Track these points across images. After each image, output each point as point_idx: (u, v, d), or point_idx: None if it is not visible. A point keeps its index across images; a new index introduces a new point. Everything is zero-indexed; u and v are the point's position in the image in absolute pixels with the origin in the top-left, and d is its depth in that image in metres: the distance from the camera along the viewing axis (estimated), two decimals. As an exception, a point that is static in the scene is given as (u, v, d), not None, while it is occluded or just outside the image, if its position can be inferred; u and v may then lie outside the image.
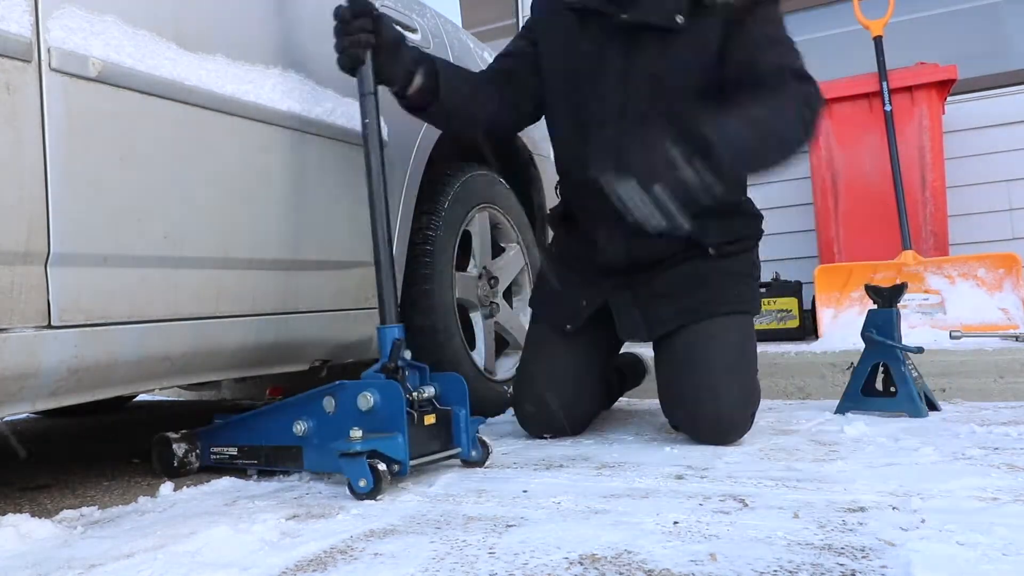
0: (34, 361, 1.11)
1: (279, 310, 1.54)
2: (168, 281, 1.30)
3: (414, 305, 1.97)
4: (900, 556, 0.88)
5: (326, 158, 1.63)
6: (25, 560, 1.04)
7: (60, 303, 1.13)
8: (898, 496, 1.16)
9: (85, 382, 1.21)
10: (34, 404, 1.17)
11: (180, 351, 1.34)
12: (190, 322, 1.34)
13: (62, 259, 1.13)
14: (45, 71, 1.11)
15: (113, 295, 1.21)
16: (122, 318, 1.22)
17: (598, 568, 0.89)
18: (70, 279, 1.15)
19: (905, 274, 2.89)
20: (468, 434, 1.49)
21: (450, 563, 0.93)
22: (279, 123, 1.50)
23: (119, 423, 2.72)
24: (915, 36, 3.80)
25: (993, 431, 1.68)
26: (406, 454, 1.32)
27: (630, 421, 2.05)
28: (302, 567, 0.95)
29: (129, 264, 1.23)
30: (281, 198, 1.52)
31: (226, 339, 1.43)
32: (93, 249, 1.17)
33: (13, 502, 1.48)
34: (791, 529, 1.01)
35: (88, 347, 1.18)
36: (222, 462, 1.59)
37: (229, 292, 1.42)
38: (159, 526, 1.18)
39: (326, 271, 1.65)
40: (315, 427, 1.44)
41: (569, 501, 1.21)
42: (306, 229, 1.58)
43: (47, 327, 1.12)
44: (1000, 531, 0.95)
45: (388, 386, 1.36)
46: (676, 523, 1.06)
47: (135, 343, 1.26)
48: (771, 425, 1.88)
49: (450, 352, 2.03)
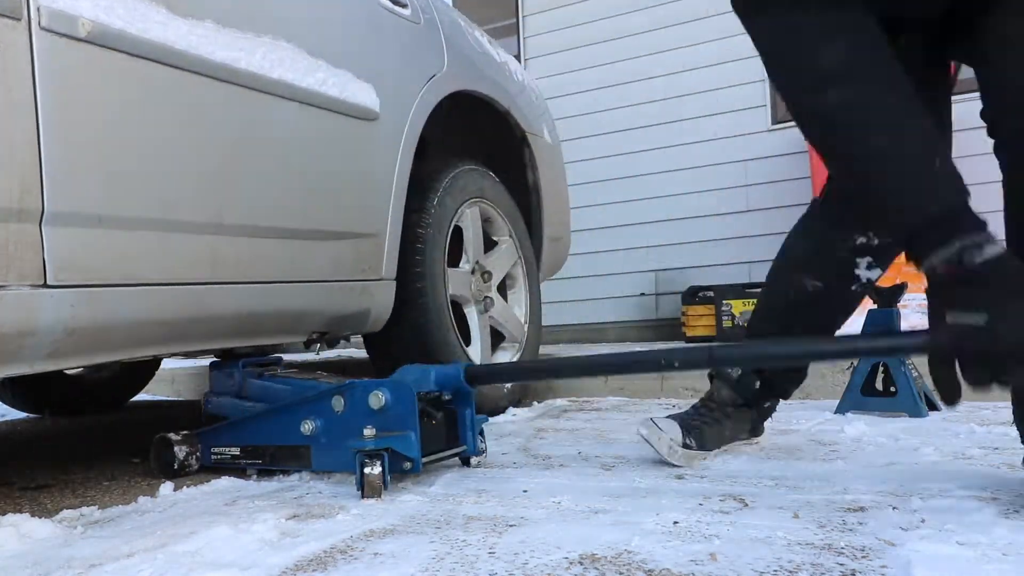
0: (31, 319, 1.12)
1: (276, 278, 1.54)
2: (163, 245, 1.31)
3: (407, 304, 1.97)
4: (900, 556, 0.88)
5: (318, 128, 1.64)
6: (25, 560, 1.04)
7: (56, 262, 1.14)
8: (898, 496, 1.15)
9: (83, 344, 1.22)
10: (32, 365, 1.17)
11: (177, 316, 1.35)
12: (187, 287, 1.35)
13: (56, 218, 1.14)
14: (35, 29, 1.12)
15: (108, 257, 1.22)
16: (118, 280, 1.24)
17: (598, 568, 0.89)
18: (65, 239, 1.16)
19: (905, 274, 2.88)
20: (473, 432, 1.50)
21: (450, 563, 0.93)
22: (270, 91, 1.51)
23: (119, 423, 2.72)
24: (915, 36, 3.79)
25: (993, 431, 1.68)
26: (419, 451, 1.33)
27: (630, 421, 2.05)
28: (302, 567, 0.95)
29: (124, 226, 1.25)
30: (274, 167, 1.53)
31: (223, 306, 1.44)
32: (87, 209, 1.19)
33: (13, 502, 1.48)
34: (791, 529, 1.01)
35: (85, 308, 1.19)
36: (223, 462, 1.59)
37: (224, 258, 1.43)
38: (159, 526, 1.18)
39: (321, 241, 1.66)
40: (323, 426, 1.44)
41: (569, 501, 1.21)
42: (300, 198, 1.60)
43: (43, 286, 1.13)
44: (1000, 531, 0.95)
45: (399, 385, 1.37)
46: (676, 523, 1.06)
47: (132, 306, 1.26)
48: (771, 425, 1.88)
49: (445, 350, 2.02)
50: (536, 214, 2.67)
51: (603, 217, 5.11)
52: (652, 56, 5.05)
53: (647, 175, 5.02)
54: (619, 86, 5.12)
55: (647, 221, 5.00)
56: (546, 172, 2.69)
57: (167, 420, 2.71)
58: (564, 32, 5.34)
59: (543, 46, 5.42)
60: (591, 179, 5.12)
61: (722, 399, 1.52)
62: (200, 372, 3.71)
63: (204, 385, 3.65)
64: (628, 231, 5.06)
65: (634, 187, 5.07)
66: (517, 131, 2.55)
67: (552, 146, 2.81)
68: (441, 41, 2.15)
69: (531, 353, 2.49)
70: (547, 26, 5.42)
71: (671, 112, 4.94)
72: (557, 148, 2.87)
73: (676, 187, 4.94)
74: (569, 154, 5.15)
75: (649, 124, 5.00)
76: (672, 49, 5.01)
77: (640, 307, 5.07)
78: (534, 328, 2.54)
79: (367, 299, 1.79)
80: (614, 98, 5.13)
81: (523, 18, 5.49)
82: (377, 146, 1.81)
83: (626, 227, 5.07)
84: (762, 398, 1.53)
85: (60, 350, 1.19)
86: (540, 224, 2.70)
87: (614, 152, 5.11)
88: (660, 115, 4.96)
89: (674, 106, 4.94)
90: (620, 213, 5.09)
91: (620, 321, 5.11)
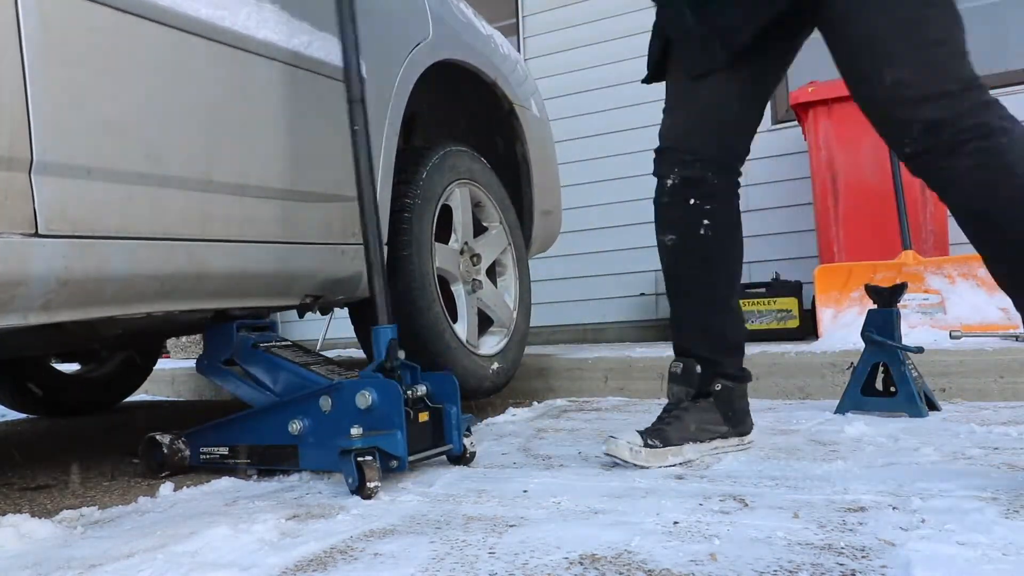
0: (23, 269, 1.13)
1: (266, 238, 1.56)
2: (153, 200, 1.33)
3: (393, 271, 1.98)
4: (900, 556, 0.88)
5: (304, 90, 1.66)
6: (25, 560, 1.04)
7: (46, 212, 1.15)
8: (898, 496, 1.15)
9: (76, 296, 1.23)
10: (26, 316, 1.18)
11: (169, 271, 1.36)
12: (178, 243, 1.37)
13: (45, 168, 1.15)
14: None
15: (99, 209, 1.24)
16: (109, 233, 1.25)
17: (598, 568, 0.89)
18: (55, 189, 1.17)
19: (905, 274, 2.89)
20: (459, 431, 1.52)
21: (450, 563, 0.93)
22: (255, 51, 1.53)
23: (119, 423, 2.72)
24: (915, 36, 3.80)
25: (993, 431, 1.68)
26: (405, 450, 1.35)
27: (630, 421, 2.05)
28: (302, 567, 0.95)
29: (113, 179, 1.26)
30: (260, 127, 1.55)
31: (215, 263, 1.45)
32: (76, 160, 1.20)
33: (13, 502, 1.48)
34: (791, 529, 1.01)
35: (77, 259, 1.20)
36: (212, 462, 1.60)
37: (215, 216, 1.44)
38: (159, 526, 1.18)
39: (311, 203, 1.68)
40: (311, 426, 1.46)
41: (569, 501, 1.21)
42: (288, 160, 1.61)
43: (34, 235, 1.14)
44: (1000, 531, 0.95)
45: (386, 385, 1.38)
46: (676, 523, 1.06)
47: (124, 259, 1.28)
48: (771, 425, 1.88)
49: (429, 318, 2.03)
50: (526, 188, 2.68)
51: (603, 217, 5.11)
52: (652, 56, 5.05)
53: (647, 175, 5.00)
54: (619, 86, 5.12)
55: (647, 221, 4.97)
56: (535, 145, 2.70)
57: (167, 420, 2.71)
58: (564, 32, 5.34)
59: (543, 46, 5.41)
60: (591, 179, 5.12)
61: (675, 396, 1.54)
62: (200, 372, 3.70)
63: (204, 385, 3.66)
64: (628, 231, 5.06)
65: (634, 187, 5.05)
66: (505, 103, 2.56)
67: (541, 119, 2.81)
68: (425, 9, 2.15)
69: (519, 340, 2.51)
70: (547, 26, 5.42)
71: (671, 112, 4.93)
72: (546, 121, 2.88)
73: (676, 187, 4.93)
74: (569, 154, 5.16)
75: (650, 124, 4.97)
76: (672, 49, 5.00)
77: (640, 307, 5.07)
78: (523, 315, 2.55)
79: (359, 263, 1.82)
80: (614, 98, 5.12)
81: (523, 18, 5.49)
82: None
83: (626, 227, 5.06)
84: (709, 381, 1.54)
85: (54, 301, 1.20)
86: (531, 198, 2.71)
87: (614, 152, 5.11)
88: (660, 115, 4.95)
89: (674, 106, 4.93)
90: (620, 213, 5.08)
91: (620, 321, 5.10)
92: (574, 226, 5.12)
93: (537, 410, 2.39)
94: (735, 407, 1.56)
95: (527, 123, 2.63)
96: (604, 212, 5.12)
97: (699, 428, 1.50)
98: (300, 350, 1.73)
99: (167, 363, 4.60)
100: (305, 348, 1.76)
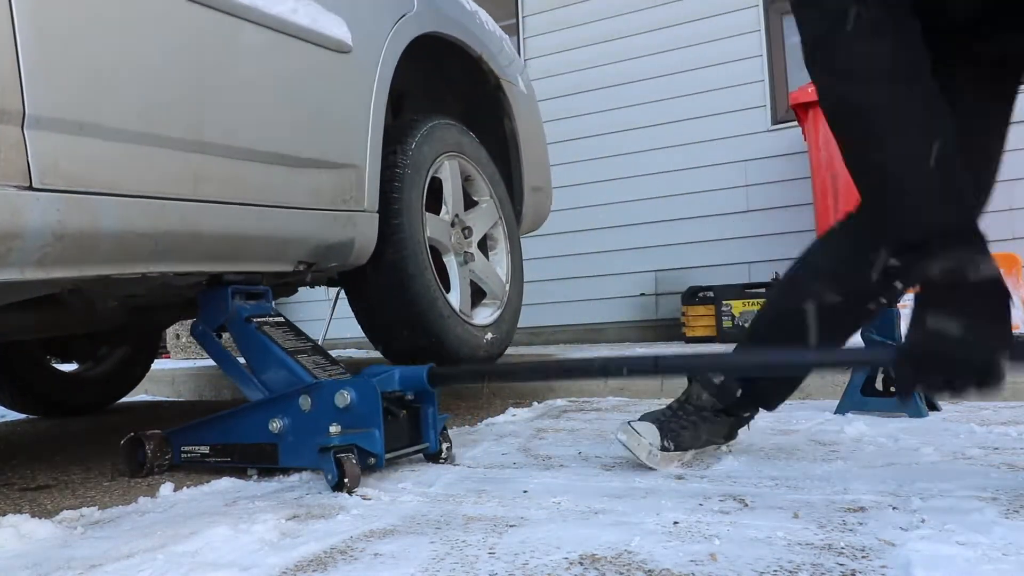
0: (18, 221, 1.14)
1: (258, 201, 1.58)
2: (145, 158, 1.34)
3: (385, 239, 2.00)
4: (900, 556, 0.88)
5: (292, 56, 1.68)
6: (25, 560, 1.04)
7: (40, 166, 1.17)
8: (898, 496, 1.15)
9: (71, 252, 1.24)
10: (22, 271, 1.19)
11: (162, 230, 1.37)
12: (170, 202, 1.38)
13: (38, 122, 1.17)
14: None
15: (92, 164, 1.25)
16: (102, 189, 1.26)
17: (598, 568, 0.89)
18: (48, 143, 1.18)
19: (905, 274, 2.88)
20: (435, 430, 1.55)
21: (450, 563, 0.93)
22: (242, 15, 1.54)
23: (119, 424, 2.72)
24: (915, 36, 3.80)
25: (993, 431, 1.68)
26: (383, 448, 1.38)
27: (630, 421, 2.05)
28: (302, 567, 0.95)
29: (105, 136, 1.27)
30: (250, 91, 1.57)
31: (207, 224, 1.46)
32: (68, 115, 1.22)
33: (13, 502, 1.48)
34: (791, 529, 1.01)
35: (71, 213, 1.21)
36: (193, 460, 1.62)
37: (207, 176, 1.46)
38: (159, 526, 1.18)
39: (302, 168, 1.70)
40: (291, 424, 1.48)
41: (569, 501, 1.21)
42: (278, 124, 1.63)
43: (29, 188, 1.15)
44: (1000, 531, 0.95)
45: (364, 384, 1.41)
46: (676, 523, 1.06)
47: (117, 215, 1.29)
48: (771, 425, 1.88)
49: (421, 284, 2.05)
50: (516, 164, 2.69)
51: (603, 217, 5.11)
52: (652, 56, 5.06)
53: (647, 175, 5.02)
54: (619, 86, 5.12)
55: (647, 221, 4.99)
56: (523, 121, 2.71)
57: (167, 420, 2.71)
58: (564, 32, 5.34)
59: (543, 46, 5.42)
60: (592, 179, 5.12)
61: (701, 403, 1.50)
62: (200, 372, 3.71)
63: (204, 385, 3.66)
64: (628, 231, 5.06)
65: (634, 187, 5.06)
66: (491, 78, 2.57)
67: (528, 96, 2.83)
68: None
69: (512, 312, 2.53)
70: (547, 26, 5.42)
71: (671, 112, 4.94)
72: (532, 97, 2.89)
73: (676, 187, 4.93)
74: (570, 154, 5.16)
75: (649, 124, 5.00)
76: (672, 49, 5.01)
77: (640, 307, 5.07)
78: (516, 289, 2.58)
79: (351, 229, 1.84)
80: (614, 98, 5.13)
81: (523, 18, 5.49)
82: (352, 78, 1.87)
83: (626, 227, 5.06)
84: (742, 407, 1.51)
85: (49, 256, 1.20)
86: (520, 174, 2.73)
87: (615, 152, 5.11)
88: (660, 115, 4.96)
89: (674, 106, 4.94)
90: (620, 213, 5.08)
91: (620, 321, 5.11)
92: (574, 226, 5.12)
93: (537, 410, 2.39)
94: (741, 425, 1.56)
95: (515, 99, 2.65)
96: (604, 212, 5.12)
97: (707, 440, 1.50)
98: (291, 331, 1.73)
99: (167, 363, 4.60)
100: (296, 329, 1.76)
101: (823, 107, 1.17)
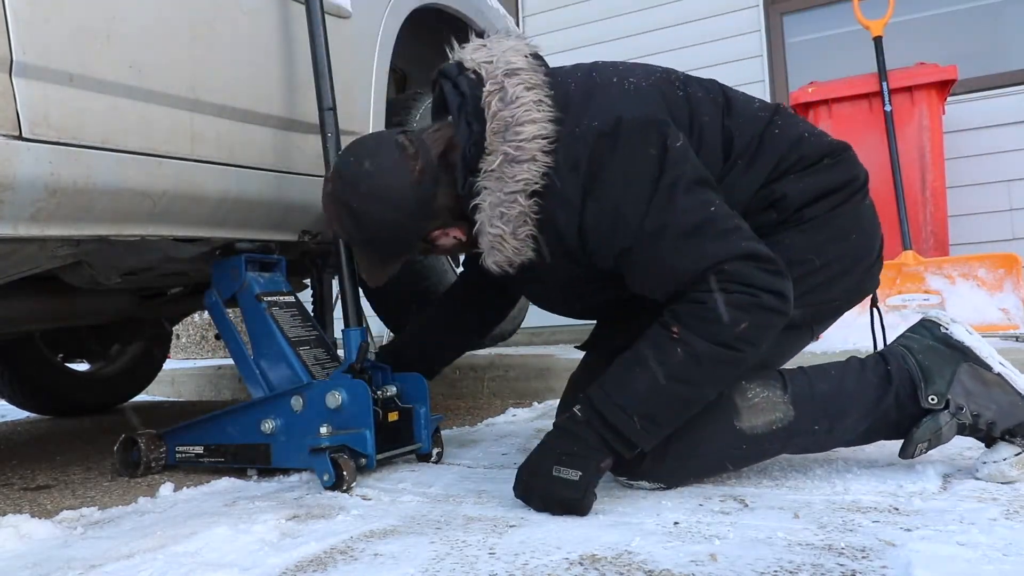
0: (9, 171, 1.12)
1: (258, 164, 1.55)
2: (139, 113, 1.32)
3: None
4: (900, 556, 0.88)
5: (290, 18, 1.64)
6: (25, 560, 1.04)
7: (29, 116, 1.15)
8: (898, 496, 1.16)
9: (65, 208, 1.22)
10: (15, 227, 1.17)
11: (160, 189, 1.35)
12: (168, 160, 1.35)
13: (26, 70, 1.14)
14: None
15: (83, 117, 1.23)
16: (96, 143, 1.24)
17: (598, 568, 0.89)
18: (37, 92, 1.16)
19: (905, 274, 2.89)
20: (428, 431, 1.55)
21: (450, 563, 0.93)
22: None
23: (119, 424, 2.72)
24: (915, 36, 3.80)
25: (993, 431, 1.68)
26: (373, 449, 1.38)
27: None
28: (302, 567, 0.95)
29: (96, 88, 1.25)
30: (247, 52, 1.54)
31: (207, 186, 1.44)
32: (57, 65, 1.19)
33: (13, 502, 1.48)
34: (791, 529, 1.01)
35: (64, 166, 1.19)
36: (187, 461, 1.63)
37: (204, 136, 1.43)
38: (159, 526, 1.18)
39: (303, 133, 1.67)
40: (283, 425, 1.48)
41: (569, 501, 1.21)
42: (277, 87, 1.61)
43: (19, 137, 1.13)
44: (1000, 531, 0.95)
45: (356, 385, 1.41)
46: (676, 523, 1.06)
47: (112, 171, 1.27)
48: (771, 425, 1.88)
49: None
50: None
51: (603, 217, 5.11)
52: (652, 57, 5.05)
53: (647, 175, 5.01)
54: (619, 86, 5.12)
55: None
56: None
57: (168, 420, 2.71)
58: (564, 32, 5.34)
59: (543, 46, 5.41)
60: (591, 179, 5.12)
61: None
62: (200, 372, 3.71)
63: (204, 385, 3.66)
64: (628, 231, 5.06)
65: (634, 187, 5.06)
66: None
67: None
68: None
69: None
70: (547, 26, 5.42)
71: (671, 112, 4.94)
72: None
73: (676, 187, 4.93)
74: (569, 154, 5.15)
75: (649, 124, 5.00)
76: (672, 50, 5.01)
77: (640, 307, 5.07)
78: None
79: None
80: (614, 98, 5.13)
81: (523, 18, 5.50)
82: (353, 44, 1.84)
83: (626, 227, 5.06)
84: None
85: (43, 211, 1.19)
86: None
87: (614, 152, 5.11)
88: (660, 115, 4.96)
89: (674, 106, 4.94)
90: (620, 213, 5.08)
91: (620, 321, 5.11)
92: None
93: (537, 410, 2.39)
94: None
95: None
96: (604, 212, 5.11)
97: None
98: (299, 315, 1.71)
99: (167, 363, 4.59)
100: (305, 312, 1.74)
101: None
